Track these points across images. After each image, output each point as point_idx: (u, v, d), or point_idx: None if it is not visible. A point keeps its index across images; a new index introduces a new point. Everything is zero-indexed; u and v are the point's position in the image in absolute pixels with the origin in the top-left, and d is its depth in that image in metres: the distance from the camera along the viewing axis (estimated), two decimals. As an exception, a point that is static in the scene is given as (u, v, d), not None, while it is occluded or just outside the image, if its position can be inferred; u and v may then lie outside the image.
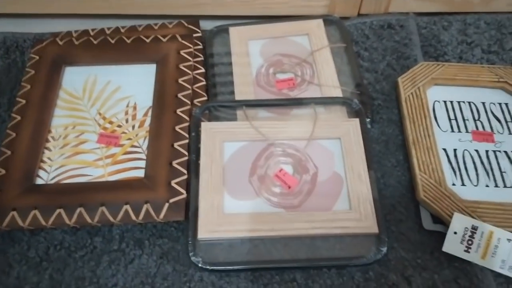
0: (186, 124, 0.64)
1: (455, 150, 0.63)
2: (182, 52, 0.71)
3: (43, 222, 0.56)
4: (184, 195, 0.58)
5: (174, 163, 0.61)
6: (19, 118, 0.65)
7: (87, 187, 0.60)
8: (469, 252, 0.54)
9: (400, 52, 0.75)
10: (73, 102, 0.69)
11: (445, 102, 0.69)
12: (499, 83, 0.69)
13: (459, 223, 0.55)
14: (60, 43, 0.74)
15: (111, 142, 0.64)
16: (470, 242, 0.54)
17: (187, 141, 0.63)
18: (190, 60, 0.70)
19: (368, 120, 0.66)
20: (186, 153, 0.62)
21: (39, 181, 0.61)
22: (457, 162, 0.62)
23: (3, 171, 0.60)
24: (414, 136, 0.64)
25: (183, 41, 0.73)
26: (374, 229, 0.57)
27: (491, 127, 0.65)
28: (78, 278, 0.55)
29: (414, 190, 0.61)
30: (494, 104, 0.68)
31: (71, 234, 0.59)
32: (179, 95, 0.66)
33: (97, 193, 0.58)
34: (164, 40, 0.73)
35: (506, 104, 0.67)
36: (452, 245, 0.55)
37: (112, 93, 0.70)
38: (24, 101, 0.67)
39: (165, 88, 0.68)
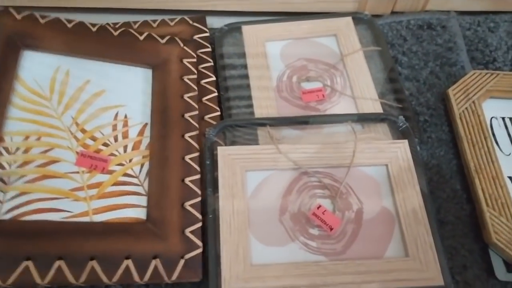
0: (197, 154, 0.51)
1: (524, 179, 0.53)
2: (185, 62, 0.57)
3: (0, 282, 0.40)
4: (201, 249, 0.46)
5: (187, 205, 0.48)
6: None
7: (67, 229, 0.44)
8: None
9: (444, 58, 0.64)
10: (36, 102, 0.51)
11: (503, 118, 0.58)
12: None
13: None
14: (18, 17, 0.53)
15: (96, 166, 0.48)
16: None
17: (199, 176, 0.50)
18: (194, 73, 0.57)
19: (416, 140, 0.55)
20: (199, 191, 0.49)
21: None
22: None
23: None
24: (476, 163, 0.53)
25: (185, 48, 0.59)
26: (439, 281, 0.46)
27: None
28: None
29: (479, 229, 0.50)
30: None
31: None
32: (186, 116, 0.53)
33: (84, 240, 0.43)
34: (162, 41, 0.58)
35: None
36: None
37: (93, 98, 0.53)
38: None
39: (167, 104, 0.54)
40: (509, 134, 0.57)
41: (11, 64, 0.51)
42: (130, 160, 0.50)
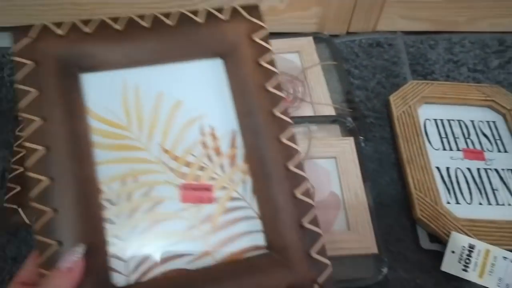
0: (300, 157, 0.42)
1: (447, 168, 0.64)
2: (256, 38, 0.44)
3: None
4: (330, 267, 0.41)
5: (305, 222, 0.41)
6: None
7: (198, 278, 0.39)
8: (467, 271, 0.54)
9: (389, 70, 0.76)
10: (117, 136, 0.42)
11: (435, 120, 0.69)
12: (487, 101, 0.70)
13: (456, 242, 0.56)
14: (61, 32, 0.40)
15: (202, 198, 0.41)
16: (467, 261, 0.55)
17: (308, 184, 0.42)
18: (269, 49, 0.44)
19: (361, 138, 0.66)
20: (312, 202, 0.42)
21: (115, 280, 0.38)
22: (451, 181, 0.63)
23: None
24: (408, 155, 0.64)
25: (252, 18, 0.44)
26: (374, 250, 0.57)
27: (481, 145, 0.67)
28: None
29: (410, 209, 0.62)
30: (482, 122, 0.69)
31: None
32: (276, 112, 0.42)
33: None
34: (225, 17, 0.44)
35: (494, 122, 0.69)
36: (450, 264, 0.55)
37: (172, 113, 0.43)
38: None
39: (251, 102, 0.43)
40: (439, 133, 0.68)
41: (73, 96, 0.40)
42: (231, 181, 0.43)
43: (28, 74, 0.39)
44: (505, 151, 0.66)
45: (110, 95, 0.42)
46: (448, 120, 0.69)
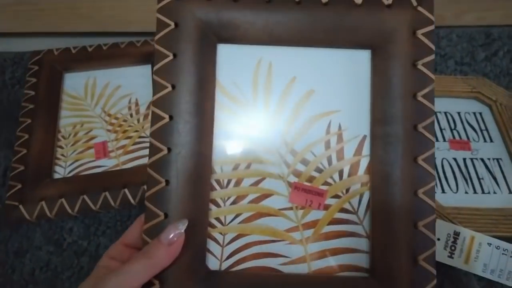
0: (432, 184, 0.36)
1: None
2: (420, 35, 0.38)
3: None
4: None
5: (421, 260, 0.36)
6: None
7: (283, 281, 0.38)
8: (452, 257, 0.56)
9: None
10: (239, 115, 0.40)
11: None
12: (473, 93, 0.72)
13: (441, 229, 0.57)
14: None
15: (312, 202, 0.38)
16: (453, 248, 0.56)
17: (434, 217, 0.37)
18: (432, 52, 0.37)
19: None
20: (434, 238, 0.38)
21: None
22: (437, 171, 0.65)
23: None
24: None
25: (420, 9, 0.38)
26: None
27: (467, 136, 0.68)
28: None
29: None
30: (469, 113, 0.71)
31: (57, 254, 0.53)
32: (420, 127, 0.36)
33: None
34: (387, 1, 0.38)
35: (480, 113, 0.71)
36: (435, 252, 0.58)
37: (302, 102, 0.39)
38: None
39: (393, 109, 0.38)
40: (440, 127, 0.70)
41: (207, 68, 0.37)
42: (347, 191, 0.38)
43: (166, 35, 0.35)
44: (491, 141, 0.68)
45: (241, 70, 0.38)
46: (435, 112, 0.71)
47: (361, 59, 0.38)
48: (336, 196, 0.38)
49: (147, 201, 0.34)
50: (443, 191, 0.63)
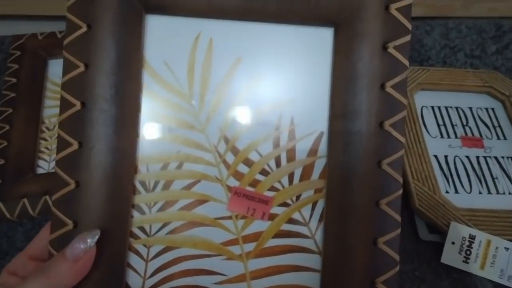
0: (397, 194, 0.33)
1: (446, 156, 0.63)
2: (394, 10, 0.32)
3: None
4: None
5: (379, 282, 0.32)
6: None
7: None
8: (467, 262, 0.53)
9: (386, 54, 0.73)
10: (171, 105, 0.34)
11: (432, 107, 0.68)
12: (484, 87, 0.68)
13: (456, 232, 0.54)
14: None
15: (255, 211, 0.34)
16: (468, 252, 0.53)
17: (398, 231, 0.34)
18: (408, 31, 0.32)
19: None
20: (397, 257, 0.34)
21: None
22: (449, 169, 0.61)
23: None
24: (405, 143, 0.63)
25: None
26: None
27: (479, 133, 0.65)
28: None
29: (408, 199, 0.60)
30: (481, 109, 0.68)
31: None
32: (387, 125, 0.32)
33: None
34: None
35: (493, 109, 0.67)
36: (450, 256, 0.55)
37: (247, 90, 0.34)
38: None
39: (356, 101, 0.32)
40: (436, 120, 0.66)
41: (130, 42, 0.31)
42: (298, 198, 0.34)
43: (79, 2, 0.29)
44: (505, 139, 0.64)
45: (175, 48, 0.32)
46: (446, 107, 0.67)
47: (322, 38, 0.32)
48: (284, 204, 0.33)
49: (53, 206, 0.29)
50: (456, 191, 0.59)
